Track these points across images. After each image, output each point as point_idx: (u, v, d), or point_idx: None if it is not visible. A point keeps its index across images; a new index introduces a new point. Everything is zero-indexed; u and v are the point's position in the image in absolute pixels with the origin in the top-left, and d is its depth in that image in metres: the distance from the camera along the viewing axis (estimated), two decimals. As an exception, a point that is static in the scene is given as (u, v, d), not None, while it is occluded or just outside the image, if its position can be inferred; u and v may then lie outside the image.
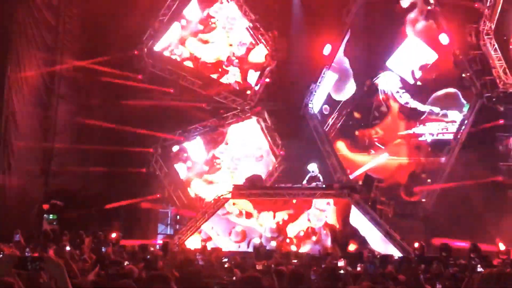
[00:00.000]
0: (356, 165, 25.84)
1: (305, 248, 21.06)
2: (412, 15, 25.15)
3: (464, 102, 24.64)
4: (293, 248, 21.21)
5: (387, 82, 25.92)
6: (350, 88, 26.61)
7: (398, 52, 25.63)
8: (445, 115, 25.05)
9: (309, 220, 21.63)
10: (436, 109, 25.14)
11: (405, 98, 25.53)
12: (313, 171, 22.97)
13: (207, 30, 26.22)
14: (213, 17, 26.32)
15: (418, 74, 25.41)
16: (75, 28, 24.36)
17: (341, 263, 11.51)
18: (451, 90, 24.96)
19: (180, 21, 26.07)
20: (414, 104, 25.39)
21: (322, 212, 21.62)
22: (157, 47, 25.76)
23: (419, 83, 25.65)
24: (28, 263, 4.46)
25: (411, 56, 25.40)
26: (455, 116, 24.85)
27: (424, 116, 25.22)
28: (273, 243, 21.22)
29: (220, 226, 22.18)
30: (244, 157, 25.88)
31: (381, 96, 26.02)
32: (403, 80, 25.69)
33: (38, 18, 22.95)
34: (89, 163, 24.46)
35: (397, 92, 25.66)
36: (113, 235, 20.02)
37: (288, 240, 21.50)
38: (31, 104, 22.85)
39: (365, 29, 25.80)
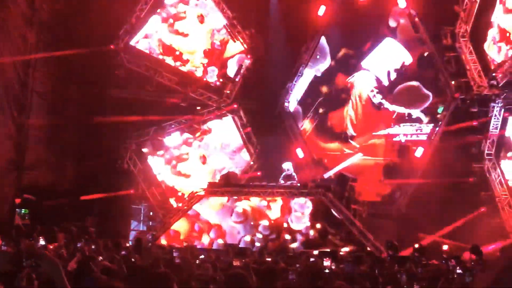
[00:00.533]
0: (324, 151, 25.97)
1: (294, 245, 21.22)
2: (398, 8, 25.10)
3: (428, 93, 24.67)
4: (288, 237, 21.36)
5: (362, 82, 25.93)
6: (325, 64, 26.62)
7: (374, 52, 25.67)
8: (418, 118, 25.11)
9: (291, 221, 21.74)
10: (408, 110, 25.16)
11: (378, 99, 25.57)
12: (288, 169, 23.08)
13: (177, 19, 25.87)
14: (186, 4, 26.03)
15: (393, 75, 25.47)
16: (51, 21, 24.06)
17: (326, 262, 11.51)
18: (413, 83, 25.02)
19: (159, 14, 25.77)
20: (387, 105, 25.45)
21: (303, 215, 21.78)
22: (134, 42, 25.47)
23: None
24: (23, 260, 4.37)
25: (387, 57, 25.45)
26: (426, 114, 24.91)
27: (394, 115, 25.26)
28: (257, 244, 21.19)
29: (219, 212, 22.31)
30: (218, 153, 25.79)
31: (355, 95, 26.01)
32: (378, 80, 25.73)
33: (13, 10, 22.65)
34: (63, 157, 24.24)
35: (372, 91, 25.70)
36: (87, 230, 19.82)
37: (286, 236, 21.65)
38: (3, 97, 22.55)
39: (342, 25, 25.81)
